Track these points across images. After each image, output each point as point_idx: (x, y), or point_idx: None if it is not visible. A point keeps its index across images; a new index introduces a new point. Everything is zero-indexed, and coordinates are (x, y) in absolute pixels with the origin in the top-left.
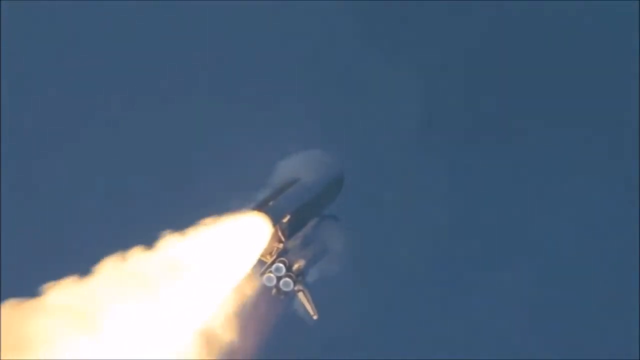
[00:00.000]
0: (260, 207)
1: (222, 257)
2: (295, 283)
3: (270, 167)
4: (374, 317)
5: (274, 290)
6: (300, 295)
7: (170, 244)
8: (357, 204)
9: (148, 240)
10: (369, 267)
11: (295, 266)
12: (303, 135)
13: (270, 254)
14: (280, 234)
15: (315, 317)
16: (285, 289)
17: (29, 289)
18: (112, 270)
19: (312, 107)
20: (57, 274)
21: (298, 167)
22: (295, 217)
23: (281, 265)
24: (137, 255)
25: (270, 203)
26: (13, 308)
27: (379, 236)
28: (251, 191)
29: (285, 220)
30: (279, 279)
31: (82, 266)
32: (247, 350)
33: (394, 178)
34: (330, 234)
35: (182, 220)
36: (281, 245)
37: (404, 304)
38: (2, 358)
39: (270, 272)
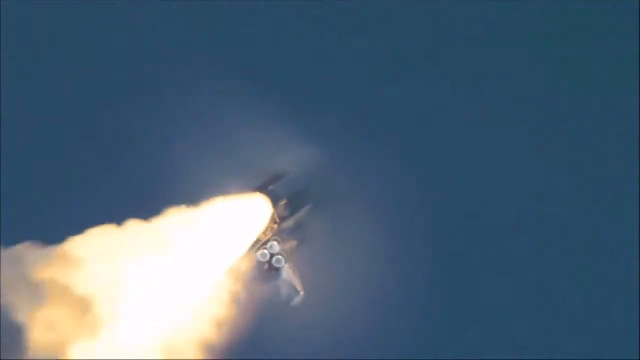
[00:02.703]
0: (262, 190)
1: (230, 229)
2: (286, 261)
3: (269, 159)
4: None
5: (266, 266)
6: (290, 272)
7: (185, 215)
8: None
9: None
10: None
11: (288, 246)
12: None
13: (266, 233)
14: (276, 216)
15: (302, 293)
16: (277, 265)
17: None
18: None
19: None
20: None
21: (293, 161)
22: (290, 203)
23: (275, 243)
24: (145, 226)
25: (270, 188)
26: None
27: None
28: (251, 178)
29: (282, 204)
30: (272, 255)
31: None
32: (244, 316)
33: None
34: (317, 222)
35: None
36: (276, 226)
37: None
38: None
39: (265, 249)
